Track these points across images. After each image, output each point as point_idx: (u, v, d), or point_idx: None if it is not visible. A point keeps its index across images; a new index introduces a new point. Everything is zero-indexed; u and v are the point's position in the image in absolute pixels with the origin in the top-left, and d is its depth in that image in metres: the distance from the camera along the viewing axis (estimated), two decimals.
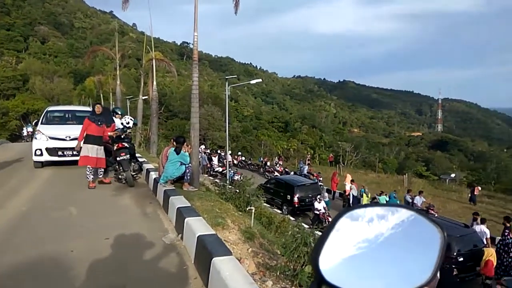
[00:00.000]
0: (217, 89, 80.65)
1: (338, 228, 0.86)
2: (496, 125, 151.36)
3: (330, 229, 0.86)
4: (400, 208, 0.88)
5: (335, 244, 0.85)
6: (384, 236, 0.84)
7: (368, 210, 0.88)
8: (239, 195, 8.39)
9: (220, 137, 43.13)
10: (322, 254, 0.84)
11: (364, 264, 0.82)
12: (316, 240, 0.88)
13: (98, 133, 8.23)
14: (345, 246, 0.84)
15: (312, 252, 0.86)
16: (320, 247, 0.85)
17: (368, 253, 0.83)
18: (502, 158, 48.83)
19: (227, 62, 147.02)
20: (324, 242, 0.85)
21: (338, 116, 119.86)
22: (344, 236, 0.85)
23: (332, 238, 0.85)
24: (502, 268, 11.04)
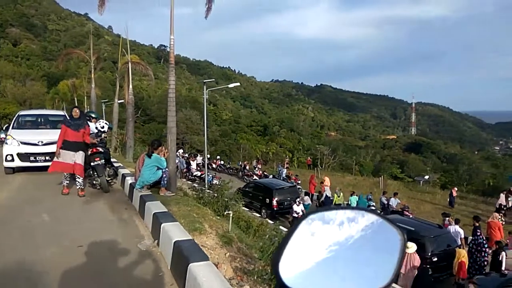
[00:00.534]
0: (195, 93, 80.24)
1: (299, 232, 0.85)
2: (468, 128, 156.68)
3: (290, 234, 0.85)
4: (361, 211, 0.87)
5: (296, 249, 0.84)
6: (345, 239, 0.84)
7: (330, 213, 0.87)
8: (217, 199, 8.34)
9: (199, 141, 42.87)
10: (283, 259, 0.83)
11: (324, 268, 0.82)
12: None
13: (75, 139, 7.81)
14: (305, 250, 0.84)
15: (273, 256, 0.85)
16: (280, 251, 0.84)
17: (329, 257, 0.83)
18: (474, 160, 50.53)
19: (205, 65, 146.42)
20: (284, 247, 0.84)
21: (316, 120, 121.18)
22: (305, 240, 0.84)
23: (293, 242, 0.84)
24: (475, 267, 11.40)
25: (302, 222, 0.87)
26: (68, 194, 8.11)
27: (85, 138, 7.98)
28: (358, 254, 0.82)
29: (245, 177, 27.29)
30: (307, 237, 0.85)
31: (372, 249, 0.83)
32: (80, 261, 4.65)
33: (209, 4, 11.34)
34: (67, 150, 7.74)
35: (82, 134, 7.88)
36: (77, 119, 7.93)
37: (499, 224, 13.38)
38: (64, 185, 8.15)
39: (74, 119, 7.93)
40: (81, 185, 8.03)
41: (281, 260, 0.83)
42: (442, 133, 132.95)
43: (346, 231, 0.84)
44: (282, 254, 0.83)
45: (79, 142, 7.89)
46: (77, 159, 7.84)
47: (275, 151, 51.44)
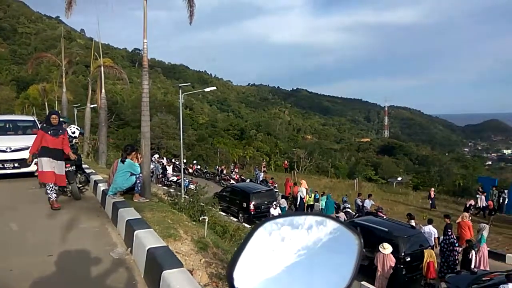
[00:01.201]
0: (171, 97, 79.44)
1: (255, 240, 0.84)
2: (438, 131, 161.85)
3: (246, 242, 0.83)
4: (318, 216, 0.87)
5: (252, 257, 0.82)
6: (302, 246, 0.83)
7: (287, 219, 0.86)
8: (193, 204, 8.26)
9: (175, 146, 42.38)
10: (238, 268, 0.80)
11: (281, 276, 0.81)
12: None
13: (55, 146, 7.23)
14: (262, 258, 0.82)
15: (228, 266, 0.83)
16: (235, 260, 0.81)
17: (286, 264, 0.81)
18: (444, 162, 52.11)
19: (181, 69, 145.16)
20: (239, 255, 0.82)
21: (292, 123, 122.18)
22: (261, 248, 0.83)
23: (249, 250, 0.82)
24: (446, 266, 11.73)
25: (257, 229, 0.85)
26: (59, 209, 7.33)
27: (65, 144, 7.46)
28: (315, 259, 0.82)
29: (222, 182, 27.18)
30: (263, 245, 0.83)
31: (330, 254, 0.83)
32: (50, 271, 4.49)
33: (191, 9, 11.30)
34: (47, 157, 7.19)
35: (61, 141, 7.35)
36: (56, 126, 7.35)
37: (469, 224, 13.84)
38: (53, 199, 7.40)
39: (53, 125, 7.32)
40: (56, 197, 7.50)
41: (235, 269, 0.80)
42: (413, 136, 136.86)
43: (304, 237, 0.84)
44: (237, 263, 0.81)
45: (58, 150, 7.32)
46: (56, 169, 7.26)
47: (252, 155, 51.49)
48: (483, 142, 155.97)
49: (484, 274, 10.28)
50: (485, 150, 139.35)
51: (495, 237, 16.58)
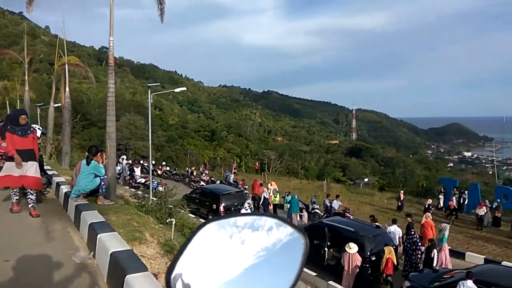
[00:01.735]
0: (139, 97, 77.79)
1: (197, 241, 0.81)
2: (403, 133, 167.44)
3: (186, 244, 0.81)
4: (264, 216, 0.86)
5: (193, 259, 0.80)
6: (246, 246, 0.81)
7: (230, 220, 0.85)
8: (160, 206, 8.11)
9: (144, 147, 41.50)
10: (176, 271, 0.78)
11: (222, 278, 0.78)
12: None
13: (25, 146, 6.67)
14: (203, 260, 0.80)
15: (167, 269, 0.80)
16: (174, 263, 0.79)
17: (228, 265, 0.79)
18: (408, 163, 53.96)
19: (150, 69, 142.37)
20: (178, 258, 0.79)
21: (263, 125, 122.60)
22: (202, 249, 0.81)
23: (189, 253, 0.80)
24: (410, 264, 12.13)
25: (199, 231, 0.83)
26: (19, 212, 6.99)
27: (35, 144, 6.93)
28: (259, 260, 0.80)
29: (192, 183, 26.89)
30: (205, 247, 0.81)
31: (275, 254, 0.81)
32: (6, 277, 4.27)
33: (161, 6, 11.10)
34: (11, 162, 6.62)
35: (31, 140, 6.80)
36: (22, 125, 6.78)
37: (431, 223, 14.37)
38: (14, 202, 7.03)
39: (20, 125, 6.75)
40: (33, 203, 6.91)
41: (173, 273, 0.78)
42: (380, 138, 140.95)
43: (247, 237, 0.82)
44: (175, 266, 0.78)
45: (29, 150, 6.77)
46: (29, 171, 6.70)
47: (222, 156, 51.26)
48: (445, 145, 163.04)
49: (446, 272, 10.70)
50: (447, 152, 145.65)
51: (456, 236, 17.31)
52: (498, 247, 16.02)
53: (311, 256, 12.99)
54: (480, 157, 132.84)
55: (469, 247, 16.03)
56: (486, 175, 66.62)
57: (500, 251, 15.54)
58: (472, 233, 18.01)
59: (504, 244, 16.38)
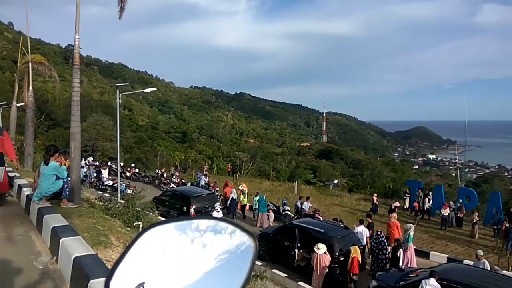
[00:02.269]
0: (108, 97, 75.77)
1: (138, 247, 0.78)
2: (371, 136, 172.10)
3: (127, 249, 0.78)
4: (212, 219, 0.84)
5: (134, 265, 0.76)
6: (193, 250, 0.79)
7: (176, 224, 0.82)
8: (128, 209, 7.89)
9: (112, 148, 40.41)
10: (115, 278, 0.74)
11: (166, 283, 0.75)
12: None
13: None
14: (145, 266, 0.77)
15: (107, 275, 0.76)
16: (114, 269, 0.75)
17: (173, 271, 0.76)
18: (376, 165, 55.37)
19: (119, 68, 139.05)
20: (118, 264, 0.76)
21: (235, 127, 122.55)
22: (145, 255, 0.77)
23: (130, 258, 0.76)
24: (377, 264, 12.44)
25: (141, 236, 0.80)
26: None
27: (5, 146, 6.53)
28: (207, 264, 0.78)
29: (162, 186, 26.45)
30: (148, 252, 0.78)
31: (223, 257, 0.79)
32: None
33: (122, 4, 10.83)
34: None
35: (1, 142, 6.49)
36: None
37: (397, 224, 14.80)
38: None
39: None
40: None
41: (112, 279, 0.74)
42: (349, 141, 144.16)
43: (194, 241, 0.79)
44: (115, 272, 0.75)
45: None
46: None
47: (194, 158, 50.73)
48: (411, 148, 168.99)
49: (411, 271, 11.05)
50: (412, 155, 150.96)
51: (421, 236, 17.92)
52: (460, 246, 16.72)
53: (282, 257, 13.10)
54: (444, 159, 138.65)
55: (433, 246, 16.64)
56: (450, 177, 69.51)
57: (462, 250, 16.22)
58: (436, 233, 18.70)
59: (465, 243, 17.12)
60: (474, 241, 17.32)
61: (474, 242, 17.06)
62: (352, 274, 11.20)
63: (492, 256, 14.76)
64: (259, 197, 19.15)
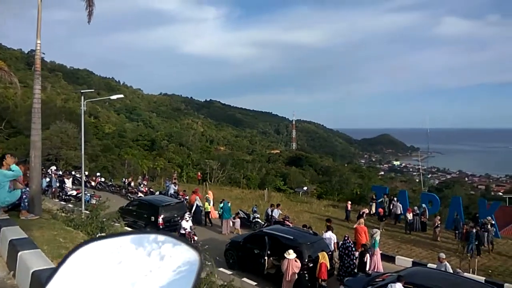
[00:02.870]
0: (72, 104, 73.32)
1: (70, 265, 0.74)
2: (339, 143, 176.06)
3: (58, 268, 0.73)
4: (153, 234, 0.81)
5: (67, 284, 0.72)
6: (133, 267, 0.75)
7: (113, 240, 0.79)
8: (91, 220, 7.61)
9: (76, 157, 38.99)
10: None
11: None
12: None
13: None
14: (80, 284, 0.73)
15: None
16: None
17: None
18: (344, 172, 56.46)
19: (85, 75, 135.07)
20: (48, 282, 0.72)
21: (206, 135, 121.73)
22: (79, 273, 0.73)
23: (61, 277, 0.72)
24: (344, 269, 12.63)
25: (73, 253, 0.76)
26: None
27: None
28: (148, 281, 0.74)
29: (129, 195, 25.81)
30: (82, 270, 0.73)
31: (166, 273, 0.76)
32: None
33: (90, 8, 10.57)
34: None
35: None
36: None
37: (365, 229, 15.12)
38: None
39: None
40: None
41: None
42: (318, 148, 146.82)
43: (134, 258, 0.76)
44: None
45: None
46: None
47: (163, 166, 49.86)
48: (377, 154, 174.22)
49: (378, 275, 11.30)
50: (378, 161, 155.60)
51: (387, 240, 18.37)
52: (424, 250, 17.28)
53: (252, 265, 13.05)
54: (408, 165, 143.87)
55: (399, 250, 17.09)
56: (413, 183, 72.14)
57: (426, 254, 16.75)
58: (401, 237, 19.25)
59: (429, 247, 17.71)
60: (438, 245, 17.95)
61: (438, 246, 17.68)
62: (321, 280, 11.32)
63: (454, 259, 15.35)
64: (223, 204, 19.13)
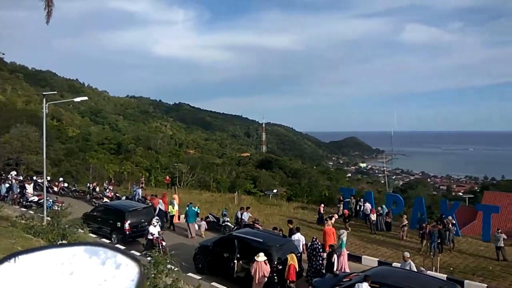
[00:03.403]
0: (34, 106, 70.43)
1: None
2: (307, 146, 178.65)
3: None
4: (89, 245, 0.78)
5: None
6: (67, 282, 0.70)
7: (46, 252, 0.75)
8: (53, 227, 7.31)
9: (38, 161, 37.35)
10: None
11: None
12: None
13: None
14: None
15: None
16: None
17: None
18: (313, 174, 57.32)
19: (47, 76, 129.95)
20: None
21: (175, 138, 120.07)
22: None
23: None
24: (312, 270, 12.79)
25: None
26: None
27: None
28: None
29: (94, 200, 24.99)
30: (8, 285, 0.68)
31: (102, 286, 0.72)
32: None
33: (49, 8, 10.19)
34: None
35: None
36: None
37: (333, 230, 15.41)
38: None
39: None
40: None
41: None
42: (287, 151, 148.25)
43: (65, 273, 0.71)
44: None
45: None
46: None
47: (130, 171, 48.63)
48: (344, 157, 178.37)
49: (345, 275, 11.53)
50: (345, 163, 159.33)
51: (354, 241, 18.78)
52: (389, 250, 17.79)
53: (221, 270, 12.97)
54: (374, 167, 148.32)
55: (365, 250, 17.51)
56: (379, 184, 74.29)
57: (391, 253, 17.25)
58: (367, 238, 19.74)
59: (394, 246, 18.25)
60: (402, 244, 18.54)
61: (402, 245, 18.24)
62: (290, 282, 11.41)
63: (418, 257, 15.92)
64: (188, 207, 19.00)
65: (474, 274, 14.59)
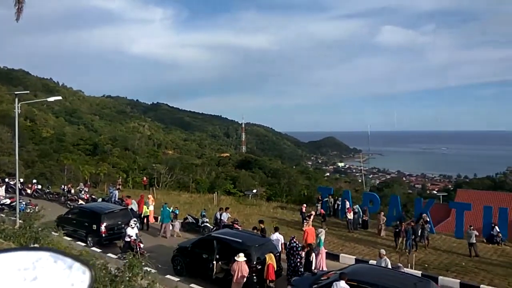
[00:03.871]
0: (6, 106, 68.13)
1: None
2: (287, 146, 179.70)
3: None
4: (38, 251, 0.76)
5: None
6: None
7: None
8: (25, 230, 7.10)
9: (10, 163, 36.18)
10: None
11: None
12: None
13: None
14: None
15: None
16: None
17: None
18: (292, 174, 57.64)
19: (20, 75, 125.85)
20: None
21: (153, 138, 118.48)
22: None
23: None
24: (291, 269, 12.90)
25: None
26: None
27: None
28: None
29: (69, 203, 24.41)
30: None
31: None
32: None
33: (19, 4, 9.89)
34: None
35: None
36: None
37: (313, 229, 15.62)
38: None
39: None
40: None
41: None
42: (267, 151, 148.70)
43: (17, 279, 0.70)
44: None
45: None
46: None
47: (107, 172, 47.68)
48: (322, 156, 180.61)
49: (323, 274, 11.68)
50: (324, 163, 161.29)
51: (332, 239, 19.02)
52: (366, 247, 18.10)
53: (201, 271, 12.91)
54: (351, 167, 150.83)
55: (343, 249, 17.77)
56: (356, 183, 75.62)
57: (368, 251, 17.55)
58: (345, 236, 20.02)
59: (371, 244, 18.58)
60: (379, 242, 18.89)
61: (379, 243, 18.59)
62: (269, 281, 11.47)
63: (394, 254, 16.27)
64: (162, 207, 18.88)
65: (448, 270, 15.04)
